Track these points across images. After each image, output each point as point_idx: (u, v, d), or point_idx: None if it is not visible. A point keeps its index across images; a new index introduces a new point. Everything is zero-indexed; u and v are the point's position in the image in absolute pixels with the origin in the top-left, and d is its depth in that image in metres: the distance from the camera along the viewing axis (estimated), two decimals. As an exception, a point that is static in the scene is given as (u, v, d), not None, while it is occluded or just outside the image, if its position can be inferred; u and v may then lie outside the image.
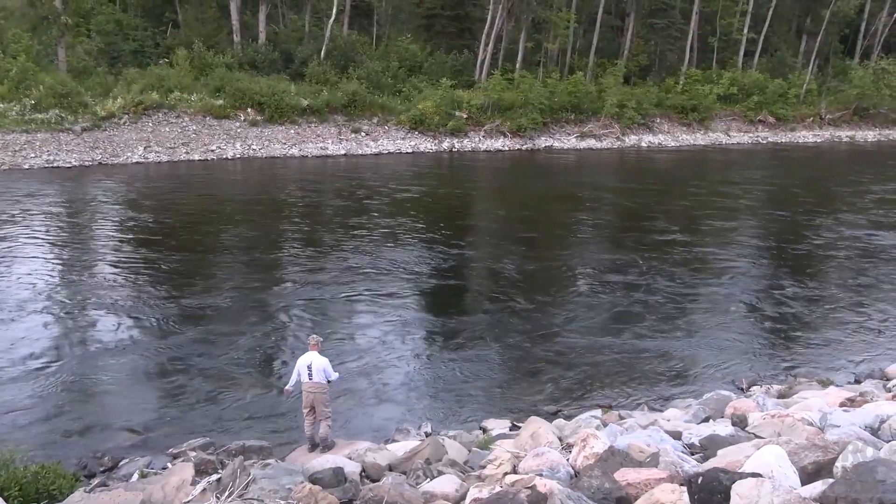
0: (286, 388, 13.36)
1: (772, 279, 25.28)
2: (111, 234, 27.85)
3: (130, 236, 27.41)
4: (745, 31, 71.13)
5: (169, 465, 12.39)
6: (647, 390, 16.72)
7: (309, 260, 25.24)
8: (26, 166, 38.42)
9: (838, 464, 7.50)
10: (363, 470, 11.18)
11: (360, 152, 48.23)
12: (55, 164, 39.12)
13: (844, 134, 68.57)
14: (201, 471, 11.12)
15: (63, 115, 43.00)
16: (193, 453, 12.49)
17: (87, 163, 40.03)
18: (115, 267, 23.85)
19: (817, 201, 39.93)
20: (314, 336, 13.55)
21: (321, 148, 47.62)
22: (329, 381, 13.07)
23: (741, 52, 72.38)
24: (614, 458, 8.77)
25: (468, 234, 30.97)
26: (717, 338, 19.90)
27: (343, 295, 21.97)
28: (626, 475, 8.02)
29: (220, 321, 19.76)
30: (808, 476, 7.56)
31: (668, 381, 17.31)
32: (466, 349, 18.53)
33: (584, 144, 56.55)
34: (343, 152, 47.75)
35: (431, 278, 24.05)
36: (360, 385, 16.28)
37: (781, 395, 15.12)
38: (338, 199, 35.14)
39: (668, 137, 61.07)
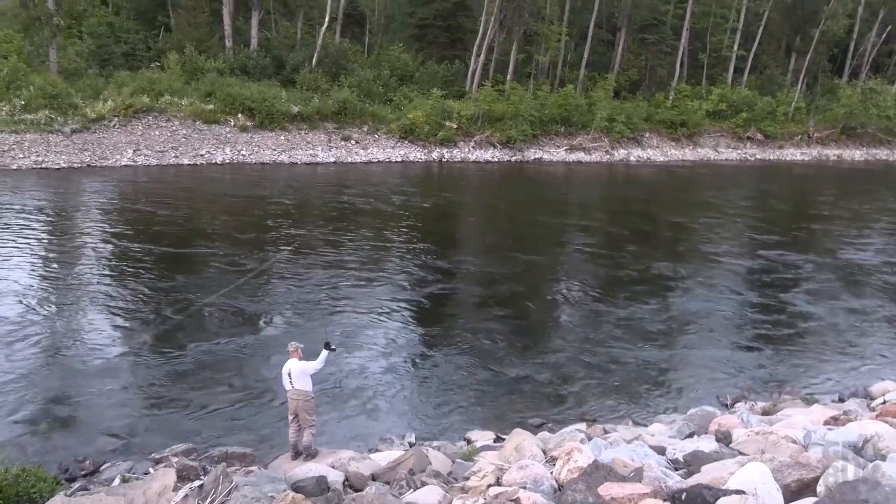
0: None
1: (758, 297, 25.37)
2: (97, 236, 27.72)
3: (116, 240, 27.29)
4: (735, 48, 71.56)
5: (151, 470, 12.32)
6: (632, 405, 16.76)
7: (293, 268, 25.18)
8: (14, 167, 38.20)
9: (822, 482, 7.52)
10: (346, 479, 11.13)
11: (349, 160, 48.21)
12: (43, 166, 38.94)
13: (832, 152, 68.99)
14: (184, 477, 11.06)
15: (53, 116, 42.81)
16: (176, 459, 12.43)
17: (75, 164, 39.85)
18: (100, 271, 23.75)
19: (804, 220, 40.14)
20: (293, 343, 13.41)
21: (311, 155, 47.56)
22: (322, 368, 13.03)
23: (731, 69, 72.81)
24: (598, 472, 8.75)
25: (455, 246, 31.00)
26: (703, 354, 19.97)
27: (328, 303, 21.94)
28: (609, 489, 8.01)
29: (205, 327, 19.71)
30: (791, 494, 7.58)
31: (652, 396, 17.36)
32: (451, 360, 18.53)
33: (573, 157, 56.70)
34: (333, 160, 47.72)
35: (418, 289, 24.04)
36: (344, 394, 16.25)
37: (766, 413, 15.15)
38: (325, 207, 35.10)
39: (657, 152, 61.29)
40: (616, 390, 17.43)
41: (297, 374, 12.70)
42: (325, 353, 13.02)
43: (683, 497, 6.65)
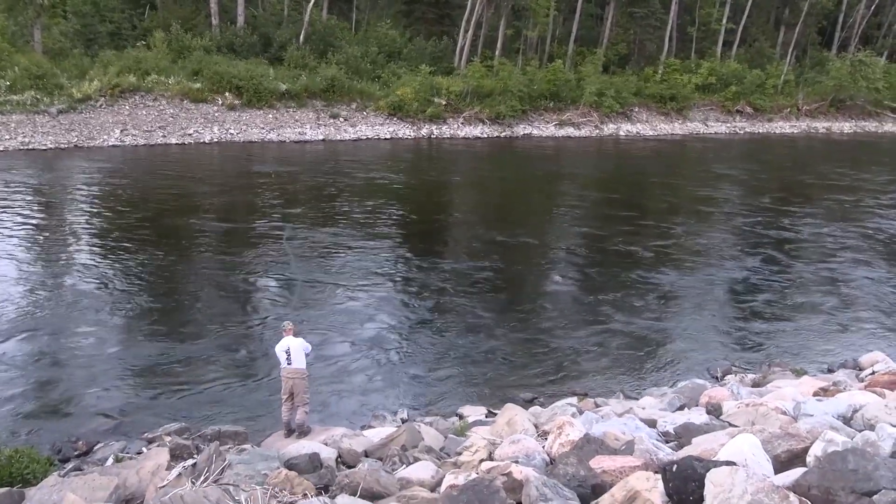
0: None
1: (748, 269, 25.43)
2: (86, 217, 27.62)
3: (105, 221, 27.20)
4: (724, 21, 71.31)
5: (144, 449, 12.35)
6: (623, 378, 16.83)
7: (282, 247, 25.13)
8: (0, 148, 37.96)
9: (811, 453, 7.58)
10: (339, 456, 11.18)
11: (338, 138, 48.02)
12: (30, 147, 38.70)
13: (821, 125, 68.98)
14: (177, 455, 11.07)
15: (39, 96, 42.51)
16: (169, 438, 12.45)
17: (62, 145, 39.62)
18: (90, 251, 23.67)
19: (794, 192, 40.17)
20: (287, 322, 13.58)
21: (299, 133, 47.36)
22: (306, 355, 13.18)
23: (720, 42, 72.60)
24: (590, 445, 8.79)
25: (445, 222, 30.97)
26: (693, 327, 20.05)
27: (320, 281, 21.93)
28: (601, 462, 8.06)
29: (196, 306, 19.71)
30: (781, 464, 7.63)
31: (643, 369, 17.43)
32: (443, 336, 18.56)
33: (562, 132, 56.57)
34: (321, 138, 47.52)
35: (408, 265, 24.04)
36: (336, 371, 16.28)
37: (756, 384, 15.24)
38: (315, 185, 34.97)
39: (647, 127, 61.20)
40: (607, 364, 17.51)
41: (296, 350, 12.80)
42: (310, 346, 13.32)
43: (674, 469, 6.67)
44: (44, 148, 38.93)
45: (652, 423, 11.13)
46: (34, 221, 26.70)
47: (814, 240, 29.59)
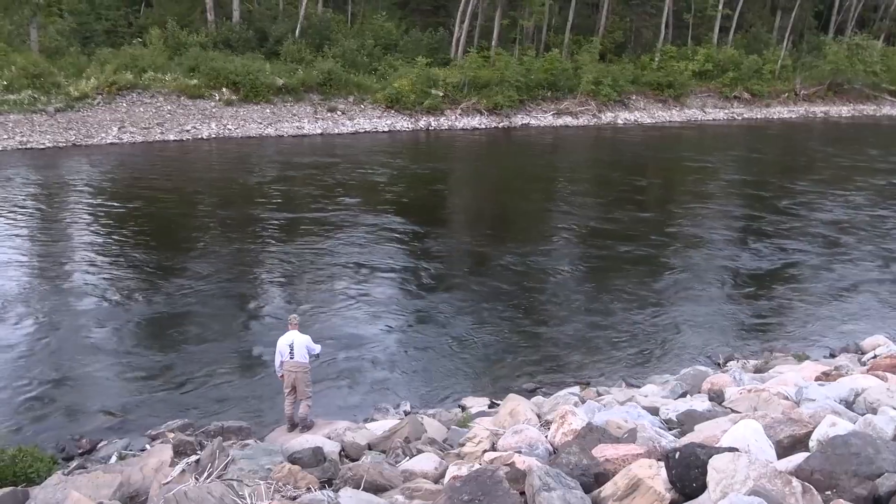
0: (278, 373, 13.32)
1: (748, 255, 25.44)
2: (87, 215, 27.54)
3: (107, 218, 27.14)
4: (720, 6, 71.04)
5: (147, 446, 12.37)
6: (625, 367, 16.85)
7: (286, 241, 25.13)
8: (-1, 148, 37.96)
9: (814, 437, 7.59)
10: (342, 449, 11.20)
11: (336, 131, 47.89)
12: (28, 146, 38.61)
13: (819, 109, 68.81)
14: (180, 452, 11.09)
15: (36, 95, 42.32)
16: (172, 435, 12.46)
17: (60, 144, 39.50)
18: (92, 248, 23.65)
19: (793, 177, 40.06)
20: (294, 315, 13.62)
21: (297, 127, 47.19)
22: (317, 356, 13.33)
23: (716, 29, 72.26)
24: (592, 434, 8.80)
25: (446, 214, 30.94)
26: (694, 314, 20.05)
27: (321, 275, 21.94)
28: (603, 451, 8.06)
29: (198, 302, 19.69)
30: (783, 450, 7.64)
31: (645, 357, 17.45)
32: (445, 328, 18.57)
33: (560, 122, 56.41)
34: (319, 132, 47.37)
35: (410, 257, 24.03)
36: (339, 365, 16.28)
37: (758, 370, 15.25)
38: (315, 179, 34.90)
39: (644, 114, 61.03)
40: (609, 353, 17.53)
41: (299, 345, 12.80)
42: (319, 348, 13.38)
43: (677, 456, 6.68)
44: (42, 147, 38.84)
45: (654, 411, 11.14)
46: (32, 220, 26.66)
47: (815, 226, 29.54)
